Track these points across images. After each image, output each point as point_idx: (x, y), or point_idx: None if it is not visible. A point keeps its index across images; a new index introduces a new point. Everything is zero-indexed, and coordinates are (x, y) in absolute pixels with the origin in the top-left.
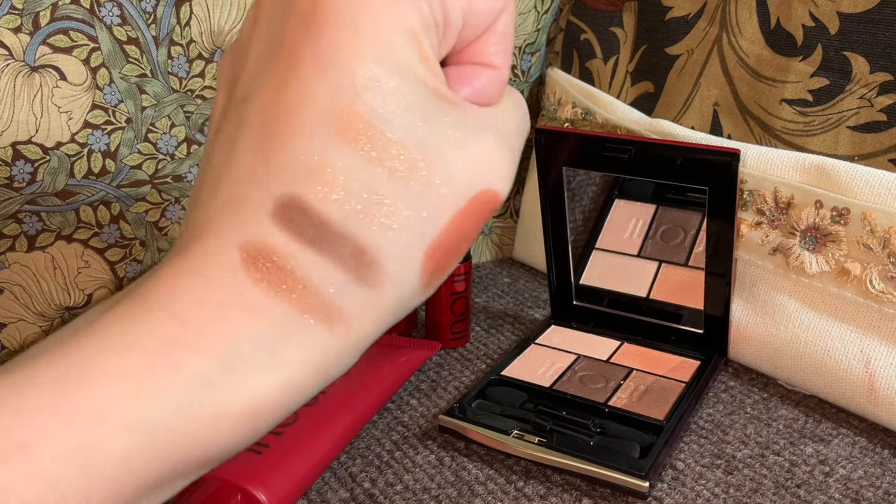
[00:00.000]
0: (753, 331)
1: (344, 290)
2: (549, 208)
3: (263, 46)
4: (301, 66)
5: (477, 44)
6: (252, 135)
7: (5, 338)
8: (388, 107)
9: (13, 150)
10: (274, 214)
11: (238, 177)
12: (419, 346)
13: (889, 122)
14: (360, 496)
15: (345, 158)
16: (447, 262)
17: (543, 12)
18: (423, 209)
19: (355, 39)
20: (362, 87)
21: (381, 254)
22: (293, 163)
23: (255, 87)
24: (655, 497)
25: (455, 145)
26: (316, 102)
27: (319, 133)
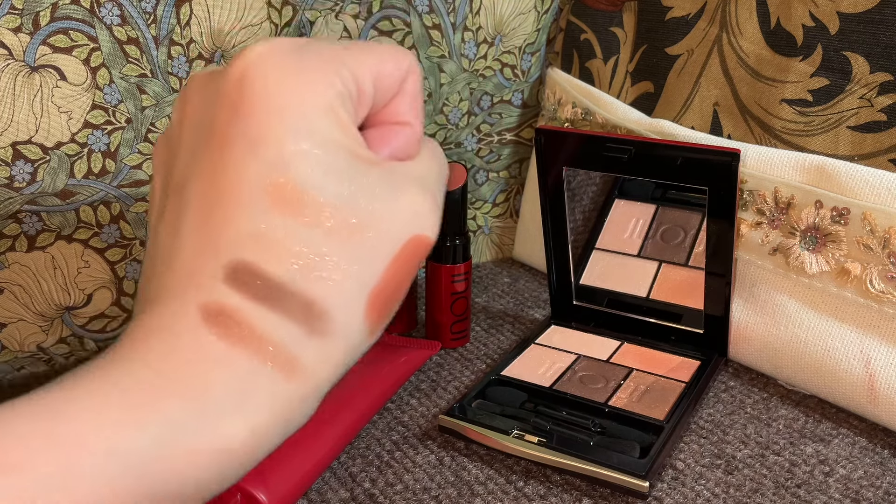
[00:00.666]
0: (753, 331)
1: (299, 341)
2: (549, 208)
3: (195, 134)
4: (233, 149)
5: (391, 105)
6: (196, 214)
7: (5, 338)
8: (315, 174)
9: (13, 150)
10: (226, 279)
11: (188, 252)
12: (419, 346)
13: (889, 122)
14: (360, 496)
15: (284, 225)
16: (389, 305)
17: (543, 12)
18: (361, 261)
19: (280, 121)
20: (291, 161)
21: (328, 305)
22: (238, 233)
23: (192, 172)
24: (655, 497)
25: (382, 199)
26: (251, 179)
27: (258, 206)
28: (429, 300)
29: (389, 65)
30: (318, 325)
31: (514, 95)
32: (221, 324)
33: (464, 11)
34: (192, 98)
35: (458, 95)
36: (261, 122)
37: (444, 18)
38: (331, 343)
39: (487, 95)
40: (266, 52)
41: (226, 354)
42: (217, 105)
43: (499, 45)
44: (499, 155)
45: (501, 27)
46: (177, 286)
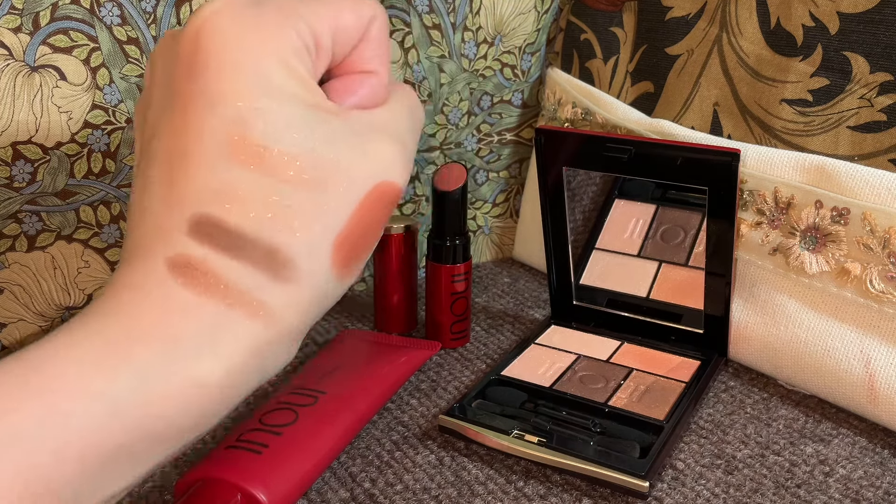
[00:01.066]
0: (753, 331)
1: (263, 286)
2: (549, 208)
3: (160, 92)
4: (192, 107)
5: (355, 53)
6: (162, 170)
7: (5, 338)
8: (273, 127)
9: (13, 150)
10: (189, 232)
11: (156, 206)
12: (419, 346)
13: (889, 122)
14: (360, 496)
15: (244, 177)
16: (357, 250)
17: (543, 12)
18: (324, 208)
19: (236, 77)
20: (248, 116)
21: (291, 252)
22: (201, 188)
23: (158, 129)
24: (655, 497)
25: (345, 149)
26: (210, 135)
27: (219, 161)
28: (429, 300)
29: (348, 15)
30: (283, 272)
31: (514, 95)
32: (187, 274)
33: (464, 11)
34: (157, 59)
35: (458, 95)
36: (216, 79)
37: (444, 18)
38: (296, 288)
39: (487, 95)
40: (221, 8)
41: (193, 302)
42: (175, 63)
43: (499, 45)
44: (499, 155)
45: (501, 27)
46: (146, 242)
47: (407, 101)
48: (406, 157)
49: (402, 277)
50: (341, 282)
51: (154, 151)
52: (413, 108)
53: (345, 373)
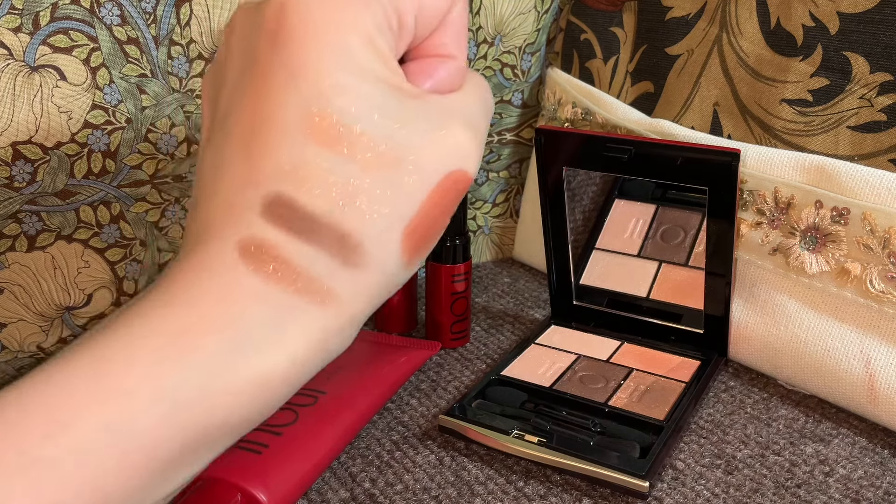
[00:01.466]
0: (753, 331)
1: (333, 273)
2: (549, 208)
3: (238, 64)
4: (273, 80)
5: (434, 37)
6: (237, 145)
7: (5, 338)
8: (354, 107)
9: (13, 150)
10: (263, 213)
11: (229, 183)
12: (419, 346)
13: (889, 122)
14: (360, 496)
15: (321, 157)
16: (426, 238)
17: (543, 12)
18: (397, 194)
19: (319, 51)
20: (329, 93)
21: (363, 237)
22: (276, 166)
23: (234, 102)
24: (655, 497)
25: (421, 133)
26: (289, 111)
27: (296, 138)
28: (429, 300)
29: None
30: (353, 258)
31: (514, 95)
32: (258, 258)
33: None
34: (237, 28)
35: None
36: (300, 52)
37: None
38: (365, 274)
39: None
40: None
41: (261, 289)
42: (258, 34)
43: (499, 45)
44: (499, 155)
45: (501, 27)
46: (216, 222)
47: (481, 89)
48: (479, 145)
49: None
50: (408, 269)
51: (230, 126)
52: (486, 95)
53: (345, 373)
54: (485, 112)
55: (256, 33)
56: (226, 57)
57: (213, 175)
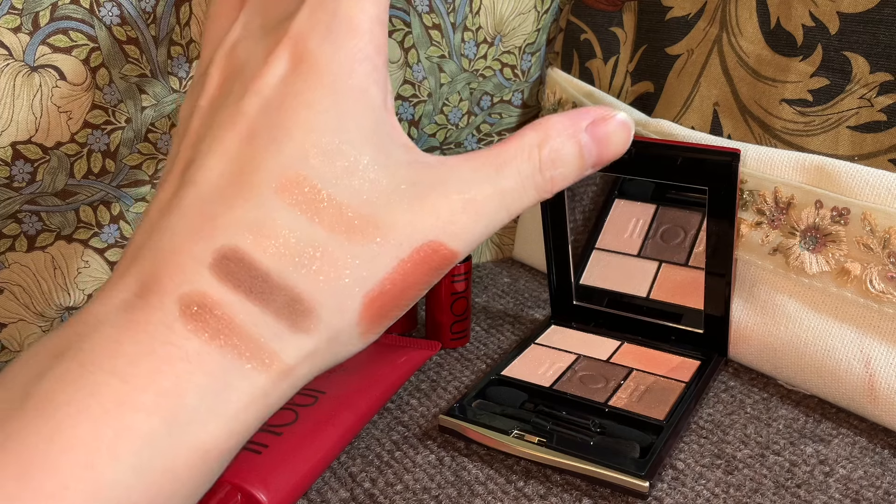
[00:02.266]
0: (753, 331)
1: (279, 336)
2: (549, 208)
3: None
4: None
5: None
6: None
7: (5, 338)
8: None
9: (13, 149)
10: (213, 266)
11: (180, 230)
12: (419, 346)
13: (889, 122)
14: (360, 496)
15: (286, 215)
16: (390, 310)
17: (543, 12)
18: (361, 260)
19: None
20: (311, 154)
21: (315, 303)
22: (236, 219)
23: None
24: (655, 497)
25: (402, 201)
26: (265, 170)
27: (265, 194)
28: (429, 300)
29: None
30: (302, 322)
31: (514, 95)
32: (199, 318)
33: (464, 11)
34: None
35: (458, 95)
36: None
37: (444, 18)
38: (314, 341)
39: (487, 95)
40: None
41: (201, 353)
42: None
43: (499, 45)
44: None
45: (501, 27)
46: (160, 271)
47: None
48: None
49: None
50: (364, 339)
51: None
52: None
53: (345, 373)
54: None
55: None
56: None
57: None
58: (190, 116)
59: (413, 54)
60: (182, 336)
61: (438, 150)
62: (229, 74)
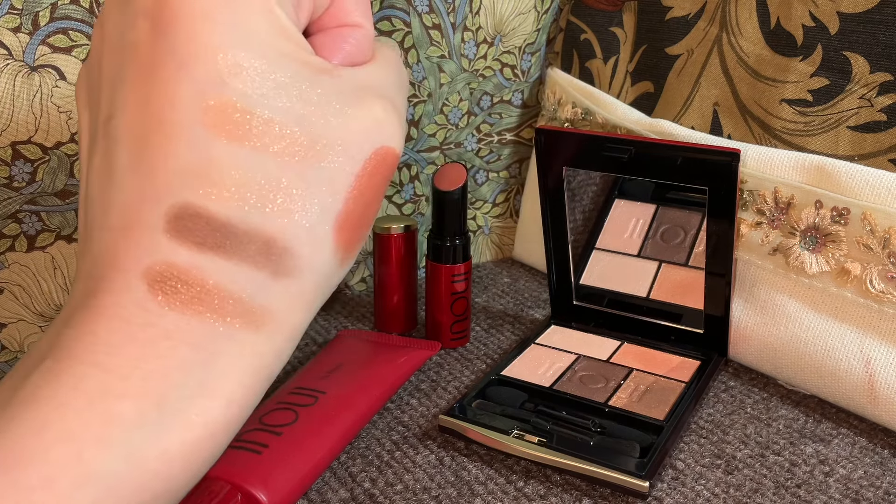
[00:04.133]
0: (753, 331)
1: (262, 287)
2: (549, 208)
3: (115, 58)
4: (160, 69)
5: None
6: (128, 152)
7: (5, 338)
8: (259, 89)
9: (13, 149)
10: (168, 230)
11: (123, 201)
12: (419, 346)
13: (889, 122)
14: (360, 496)
15: (228, 152)
16: (359, 229)
17: (543, 12)
18: (321, 183)
19: (210, 30)
20: (228, 74)
21: (290, 240)
22: (176, 170)
23: (116, 103)
24: (655, 497)
25: (337, 112)
26: (183, 101)
27: (195, 133)
28: (429, 300)
29: None
30: (283, 265)
31: (514, 95)
32: (170, 289)
33: (464, 11)
34: (109, 18)
35: (458, 95)
36: (189, 33)
37: (444, 18)
38: (299, 281)
39: (487, 95)
40: None
41: (181, 325)
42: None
43: (499, 45)
44: (499, 155)
45: (501, 27)
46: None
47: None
48: (399, 118)
49: (402, 277)
50: (343, 266)
51: (114, 132)
52: (399, 65)
53: (345, 373)
54: (399, 83)
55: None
56: (99, 53)
57: (104, 189)
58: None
59: (413, 54)
60: (157, 314)
61: (438, 151)
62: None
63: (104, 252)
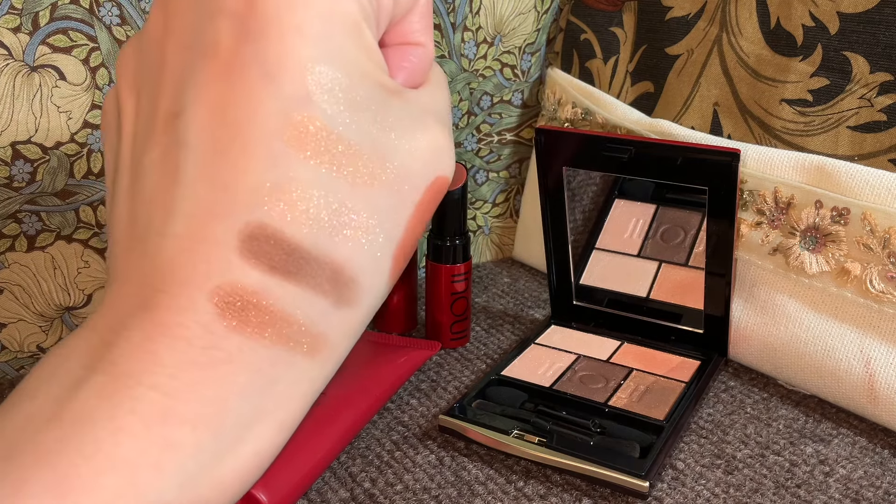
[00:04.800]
0: (753, 331)
1: (323, 315)
2: (549, 208)
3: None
4: (243, 75)
5: (401, 24)
6: (200, 159)
7: (5, 338)
8: (340, 108)
9: (12, 149)
10: (241, 250)
11: (194, 210)
12: (419, 346)
13: (889, 122)
14: (360, 496)
15: (304, 171)
16: (408, 259)
17: (543, 12)
18: (387, 212)
19: (302, 41)
20: (315, 91)
21: (356, 271)
22: (254, 186)
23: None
24: (655, 497)
25: (405, 138)
26: (267, 115)
27: (276, 148)
28: (429, 300)
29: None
30: (347, 295)
31: (514, 95)
32: (238, 313)
33: (464, 11)
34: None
35: (458, 95)
36: (278, 43)
37: (444, 18)
38: (357, 312)
39: (487, 95)
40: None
41: (243, 349)
42: (217, 17)
43: (498, 45)
44: (499, 155)
45: (501, 27)
46: (181, 262)
47: (443, 79)
48: (452, 141)
49: (402, 277)
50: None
51: (184, 133)
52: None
53: (345, 373)
54: (450, 106)
55: (213, 17)
56: (163, 41)
57: (164, 195)
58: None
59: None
60: (222, 337)
61: None
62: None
63: (166, 262)
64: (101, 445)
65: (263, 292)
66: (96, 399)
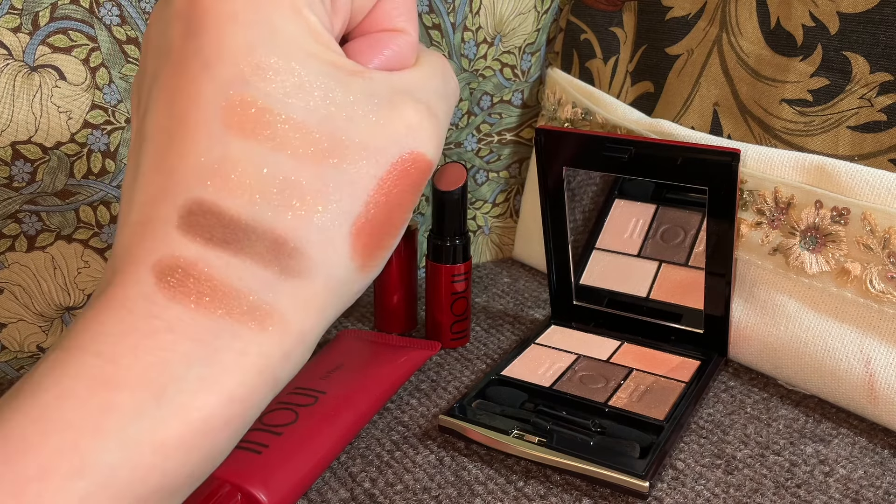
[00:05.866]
0: (753, 331)
1: (269, 286)
2: (549, 208)
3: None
4: (187, 68)
5: (378, 10)
6: (153, 150)
7: (5, 338)
8: (282, 89)
9: (13, 149)
10: (180, 225)
11: (145, 196)
12: (419, 346)
13: (889, 122)
14: (360, 496)
15: (244, 149)
16: (381, 236)
17: (543, 12)
18: (341, 186)
19: (235, 28)
20: (251, 74)
21: (301, 241)
22: (194, 167)
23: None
24: (655, 497)
25: (365, 115)
26: (205, 102)
27: (214, 130)
28: (429, 300)
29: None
30: (291, 265)
31: (514, 95)
32: (177, 283)
33: (464, 11)
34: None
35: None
36: (216, 34)
37: (444, 18)
38: (310, 284)
39: (487, 95)
40: None
41: (183, 319)
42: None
43: (498, 45)
44: (499, 155)
45: (501, 27)
46: (131, 244)
47: (439, 65)
48: (436, 123)
49: (402, 277)
50: (365, 273)
51: (145, 131)
52: (445, 73)
53: (345, 373)
54: (444, 90)
55: (169, 22)
56: (146, 55)
57: (128, 191)
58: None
59: None
60: (163, 306)
61: None
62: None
63: (124, 248)
64: (45, 410)
65: (202, 262)
66: (49, 370)
